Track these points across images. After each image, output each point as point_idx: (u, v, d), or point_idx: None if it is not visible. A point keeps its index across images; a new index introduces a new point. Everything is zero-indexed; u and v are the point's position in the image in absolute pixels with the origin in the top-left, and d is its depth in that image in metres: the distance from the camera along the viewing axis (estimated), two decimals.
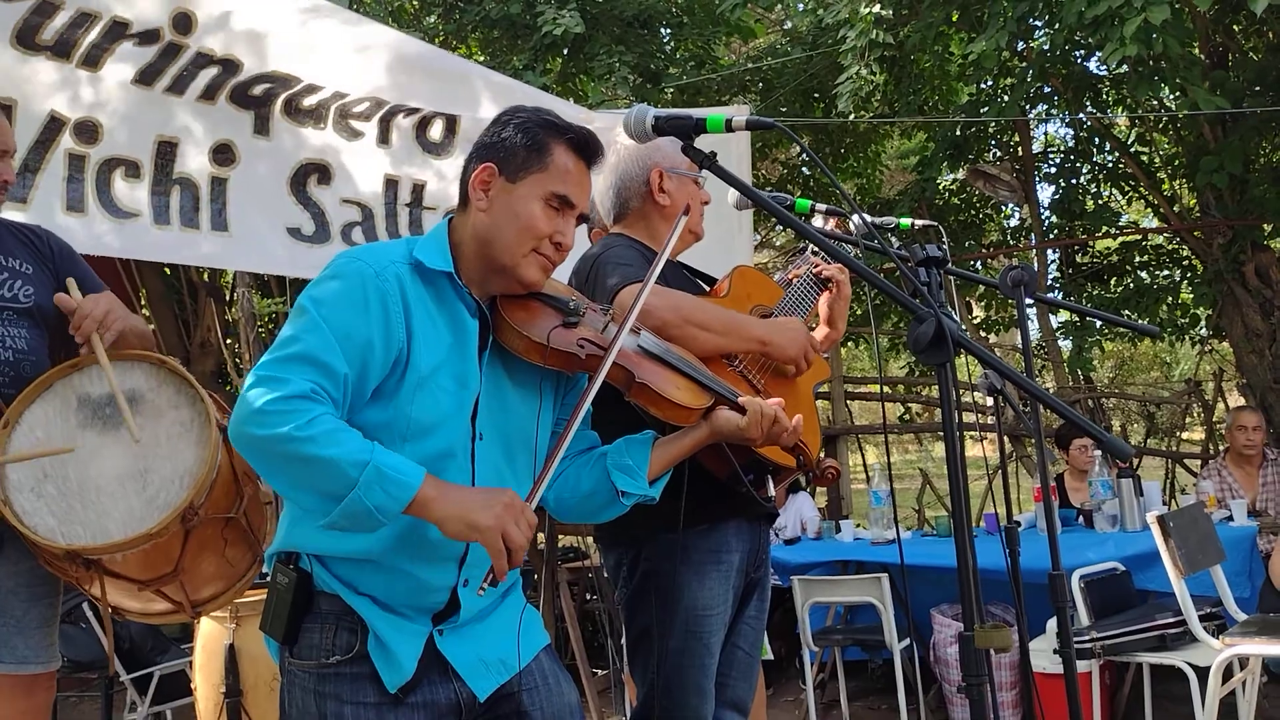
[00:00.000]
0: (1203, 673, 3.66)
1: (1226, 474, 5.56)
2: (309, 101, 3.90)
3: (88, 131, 3.42)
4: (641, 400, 1.85)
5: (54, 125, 3.35)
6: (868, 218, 2.07)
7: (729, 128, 1.62)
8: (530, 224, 1.74)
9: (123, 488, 2.30)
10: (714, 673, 2.38)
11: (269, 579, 1.75)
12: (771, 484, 2.25)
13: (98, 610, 4.84)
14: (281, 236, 3.93)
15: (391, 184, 4.25)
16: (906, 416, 9.94)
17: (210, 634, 3.88)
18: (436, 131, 4.34)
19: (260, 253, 3.93)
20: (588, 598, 5.86)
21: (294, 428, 1.51)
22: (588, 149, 1.80)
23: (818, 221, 2.72)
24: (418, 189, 4.32)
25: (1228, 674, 3.28)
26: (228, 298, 8.14)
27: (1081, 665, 4.14)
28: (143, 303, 8.12)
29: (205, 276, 8.36)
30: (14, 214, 3.16)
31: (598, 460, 1.89)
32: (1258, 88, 6.48)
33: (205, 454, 2.31)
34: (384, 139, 4.20)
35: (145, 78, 3.53)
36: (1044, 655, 4.21)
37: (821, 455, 2.05)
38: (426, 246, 1.76)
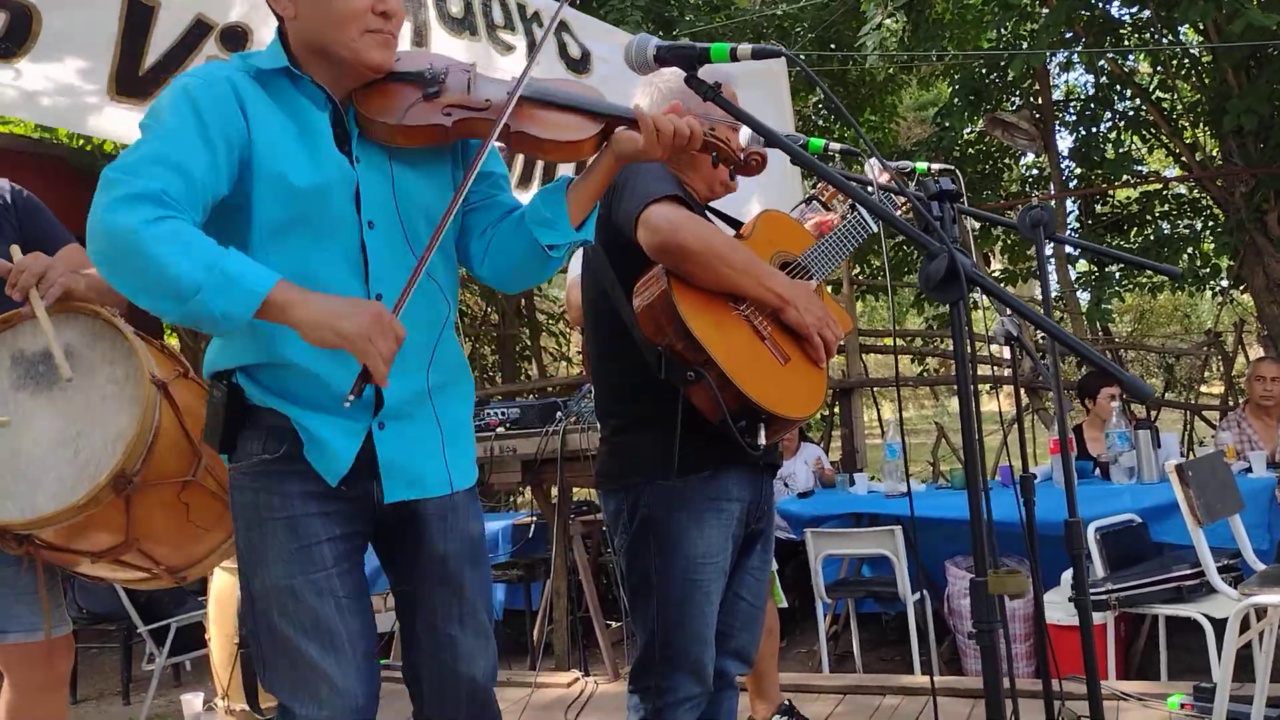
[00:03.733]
0: (1219, 624, 3.63)
1: (1246, 425, 5.49)
2: (454, 7, 3.83)
3: (236, 38, 3.28)
4: (525, 148, 1.79)
5: (200, 29, 3.22)
6: (884, 161, 2.01)
7: (734, 57, 1.55)
8: (343, 11, 1.66)
9: (55, 455, 2.13)
10: (714, 621, 2.36)
11: (209, 396, 1.78)
12: (764, 432, 2.21)
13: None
14: None
15: None
16: (923, 371, 9.89)
17: (223, 585, 3.91)
18: (575, 49, 4.30)
19: None
20: (601, 551, 5.87)
21: (139, 222, 1.48)
22: None
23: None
24: None
25: (1244, 626, 3.25)
26: None
27: (1097, 617, 4.11)
28: None
29: None
30: (131, 111, 3.09)
31: (519, 223, 1.84)
32: None
33: (137, 413, 2.12)
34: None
35: None
36: (1058, 607, 4.19)
37: (744, 146, 1.92)
38: (260, 54, 1.73)
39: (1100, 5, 7.04)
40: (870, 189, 2.41)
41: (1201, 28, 6.92)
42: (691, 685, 2.34)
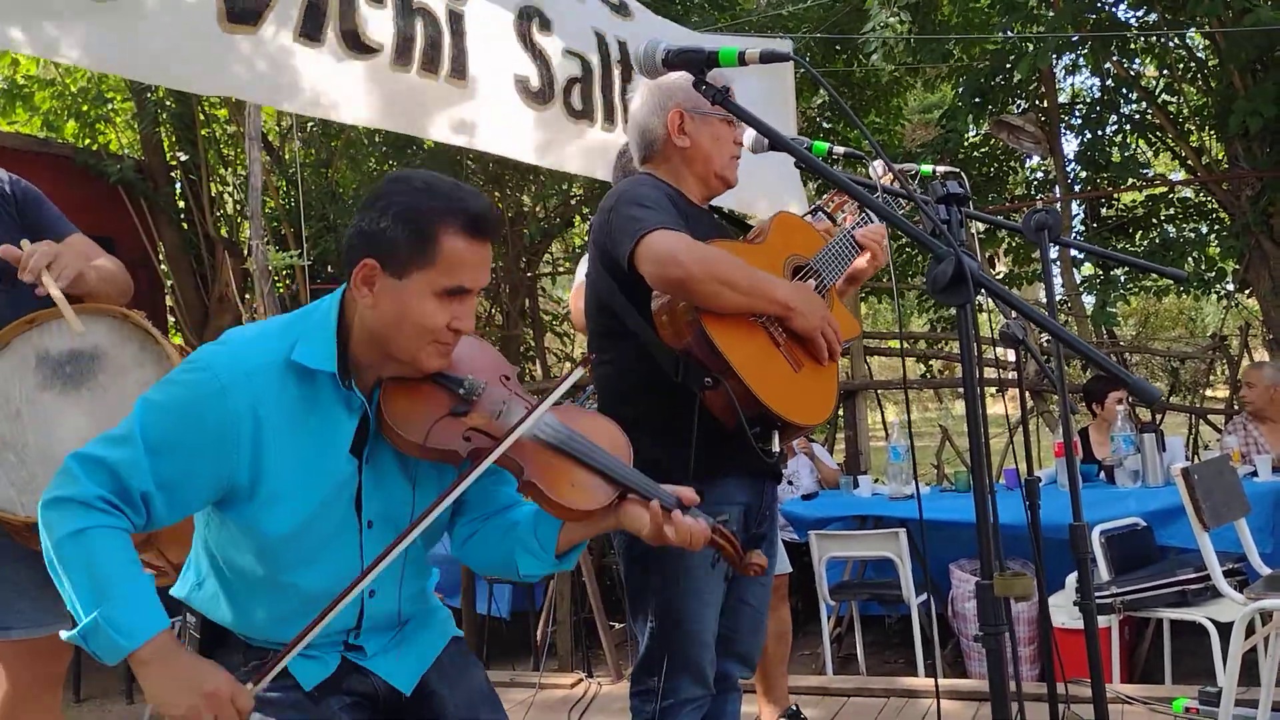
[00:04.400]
0: (1224, 628, 3.62)
1: (1251, 428, 5.48)
2: None
3: None
4: (529, 495, 1.72)
5: None
6: (890, 163, 2.00)
7: (742, 61, 1.55)
8: (422, 322, 1.62)
9: None
10: (714, 624, 2.36)
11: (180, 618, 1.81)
12: (777, 439, 2.21)
13: None
14: (510, 90, 3.81)
15: (601, 39, 4.17)
16: (927, 374, 9.87)
17: None
18: None
19: (496, 120, 3.78)
20: (605, 552, 5.87)
21: (61, 535, 1.53)
22: (481, 226, 1.64)
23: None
24: (622, 46, 4.29)
25: (1250, 630, 3.24)
26: (244, 252, 8.13)
27: (1101, 620, 4.11)
28: (160, 256, 8.12)
29: (223, 232, 8.35)
30: (241, 36, 3.02)
31: (507, 530, 1.82)
32: None
33: None
34: None
35: None
36: (1063, 610, 4.19)
37: (748, 553, 1.84)
38: (311, 340, 1.65)
39: (1106, 8, 7.03)
40: (875, 192, 2.40)
41: (1208, 29, 6.91)
42: (693, 687, 2.34)
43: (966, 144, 8.61)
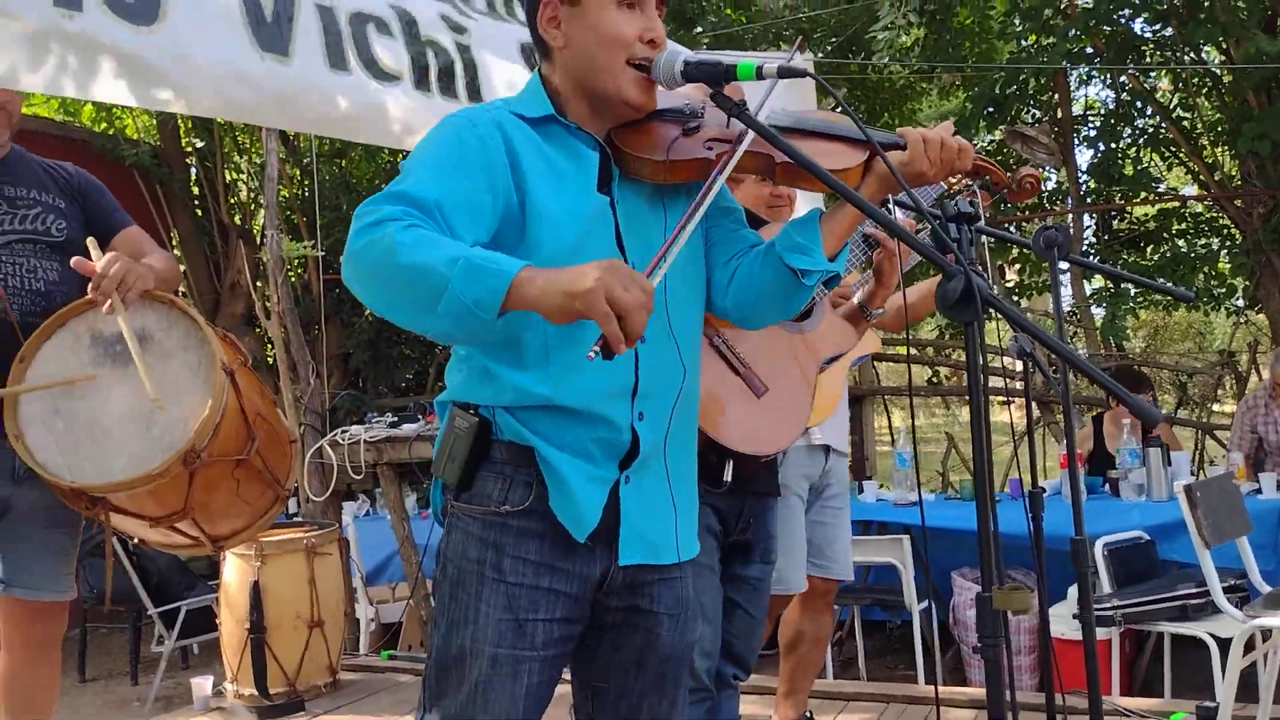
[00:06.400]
0: (1224, 644, 3.63)
1: (1274, 407, 5.35)
2: None
3: None
4: (790, 179, 1.72)
5: None
6: (900, 178, 2.01)
7: (759, 75, 1.56)
8: (614, 33, 1.64)
9: (129, 427, 2.35)
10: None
11: (447, 423, 1.68)
12: (729, 470, 2.22)
13: (126, 544, 4.95)
14: None
15: None
16: (935, 380, 9.87)
17: (237, 571, 3.95)
18: None
19: None
20: None
21: (382, 236, 1.45)
22: None
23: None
24: None
25: (1249, 646, 3.26)
26: (257, 240, 8.18)
27: (1101, 633, 4.13)
28: (174, 243, 8.17)
29: (237, 219, 8.39)
30: (280, 66, 3.04)
31: (767, 251, 1.75)
32: None
33: (209, 396, 2.35)
34: None
35: None
36: (1063, 621, 4.21)
37: (1015, 168, 1.82)
38: (521, 100, 1.71)
39: (1122, 21, 7.03)
40: (887, 205, 2.42)
41: (1224, 47, 6.91)
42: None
43: (979, 151, 8.60)
